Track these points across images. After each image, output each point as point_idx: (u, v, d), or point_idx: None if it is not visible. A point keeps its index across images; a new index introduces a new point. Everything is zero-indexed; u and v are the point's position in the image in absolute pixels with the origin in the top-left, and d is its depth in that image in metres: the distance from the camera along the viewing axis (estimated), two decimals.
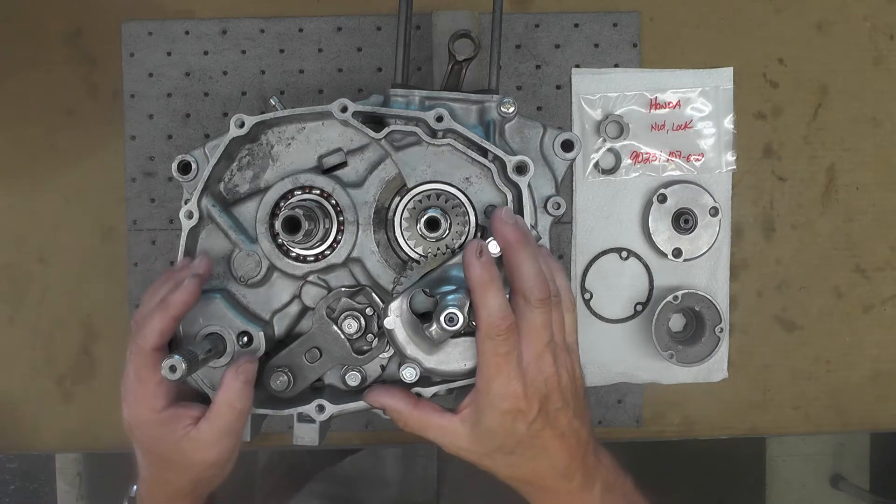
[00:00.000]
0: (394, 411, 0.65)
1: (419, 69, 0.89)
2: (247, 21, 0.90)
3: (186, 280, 0.64)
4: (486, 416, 0.61)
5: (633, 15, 0.91)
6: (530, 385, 0.60)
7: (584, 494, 0.65)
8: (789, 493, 2.00)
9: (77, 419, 0.92)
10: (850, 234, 0.92)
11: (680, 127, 0.90)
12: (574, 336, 0.66)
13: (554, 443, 0.63)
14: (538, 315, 0.60)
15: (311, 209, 0.67)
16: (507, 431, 0.61)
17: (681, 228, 0.89)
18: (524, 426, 0.61)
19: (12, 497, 1.95)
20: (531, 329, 0.60)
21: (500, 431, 0.62)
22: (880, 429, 0.95)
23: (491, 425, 0.61)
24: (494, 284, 0.59)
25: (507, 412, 0.60)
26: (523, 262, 0.60)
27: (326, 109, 0.67)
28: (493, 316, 0.59)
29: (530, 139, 0.73)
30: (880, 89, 0.92)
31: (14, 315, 0.92)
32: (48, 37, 0.92)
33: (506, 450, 0.63)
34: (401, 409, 0.65)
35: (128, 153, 0.91)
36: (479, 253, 0.59)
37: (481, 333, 0.59)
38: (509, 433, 0.61)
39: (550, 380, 0.61)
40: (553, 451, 0.63)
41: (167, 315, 0.63)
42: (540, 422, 0.61)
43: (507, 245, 0.61)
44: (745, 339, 0.92)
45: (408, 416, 0.65)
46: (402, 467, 1.10)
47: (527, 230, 0.64)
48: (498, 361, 0.59)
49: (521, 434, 0.61)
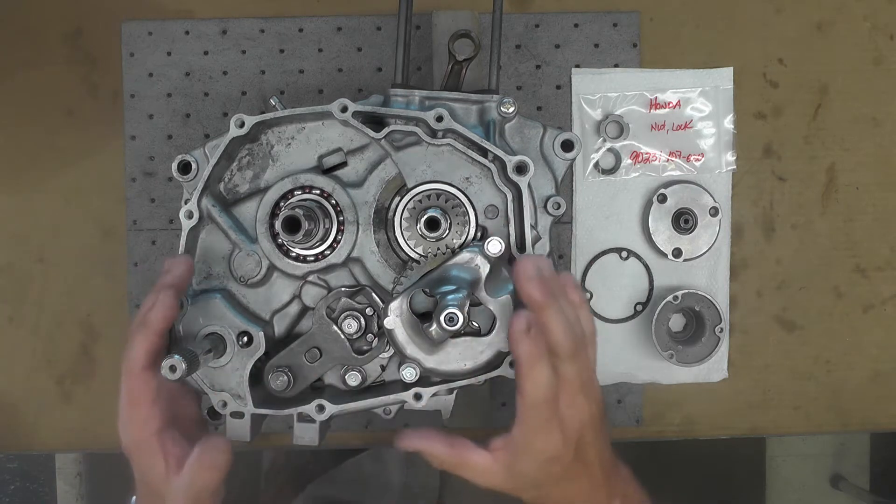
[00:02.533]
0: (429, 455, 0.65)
1: (419, 69, 0.89)
2: (247, 21, 0.90)
3: (161, 294, 0.62)
4: (523, 463, 0.63)
5: (633, 15, 0.91)
6: (568, 432, 0.61)
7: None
8: (789, 493, 2.00)
9: (77, 419, 0.92)
10: (850, 234, 0.92)
11: (680, 127, 0.90)
12: (595, 365, 0.66)
13: (581, 472, 0.64)
14: (569, 368, 0.60)
15: (311, 209, 0.67)
16: (543, 474, 0.63)
17: (681, 228, 0.89)
18: (560, 468, 0.63)
19: (12, 497, 1.95)
20: (564, 381, 0.61)
21: (536, 475, 0.63)
22: (880, 429, 0.95)
23: (527, 471, 0.63)
24: (543, 359, 0.59)
25: (544, 461, 0.62)
26: (551, 319, 0.60)
27: (326, 109, 0.67)
28: (541, 390, 0.60)
29: (530, 139, 0.73)
30: (880, 89, 0.92)
31: (14, 315, 0.92)
32: (48, 37, 0.92)
33: (537, 485, 0.64)
34: (437, 454, 0.65)
35: (128, 153, 0.91)
36: (528, 329, 0.59)
37: (525, 403, 0.60)
38: (545, 475, 0.63)
39: (585, 421, 0.62)
40: (580, 479, 0.65)
41: (149, 332, 0.62)
42: (574, 460, 0.63)
43: (534, 306, 0.60)
44: (745, 339, 0.92)
45: (444, 459, 0.65)
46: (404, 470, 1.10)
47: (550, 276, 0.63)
48: (541, 424, 0.61)
49: (555, 474, 0.63)
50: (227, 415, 0.68)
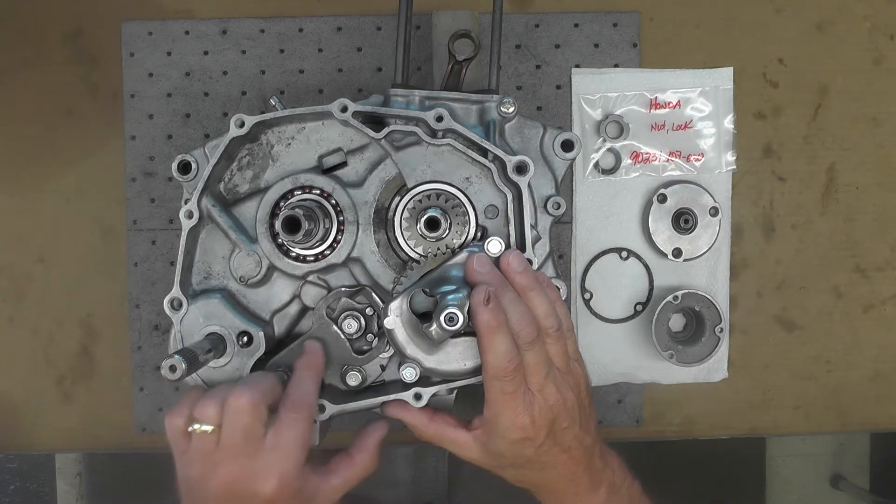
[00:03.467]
0: (411, 425, 0.68)
1: (419, 69, 0.89)
2: (247, 21, 0.90)
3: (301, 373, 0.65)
4: (496, 443, 0.65)
5: (633, 15, 0.90)
6: (538, 415, 0.63)
7: (590, 496, 0.69)
8: (789, 493, 2.00)
9: (77, 419, 0.92)
10: (850, 234, 0.92)
11: (680, 127, 0.90)
12: (577, 354, 0.68)
13: (560, 456, 0.66)
14: (531, 355, 0.63)
15: (311, 209, 0.67)
16: (516, 454, 0.65)
17: (681, 228, 0.89)
18: (532, 449, 0.65)
19: (12, 497, 1.95)
20: (528, 367, 0.63)
21: (510, 455, 0.66)
22: (880, 429, 0.95)
23: (501, 450, 0.65)
24: (501, 329, 0.61)
25: (516, 441, 0.64)
26: (507, 308, 0.62)
27: (326, 109, 0.67)
28: (500, 359, 0.61)
29: (530, 139, 0.73)
30: (880, 89, 0.92)
31: (14, 315, 0.92)
32: (48, 37, 0.92)
33: (515, 466, 0.67)
34: (417, 424, 0.68)
35: (128, 153, 0.91)
36: (486, 300, 0.61)
37: (488, 374, 0.62)
38: (518, 455, 0.65)
39: (556, 406, 0.64)
40: (560, 463, 0.67)
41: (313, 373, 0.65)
42: (548, 443, 0.65)
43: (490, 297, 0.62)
44: (745, 339, 0.92)
45: (423, 430, 0.68)
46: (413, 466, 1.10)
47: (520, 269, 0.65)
48: (505, 399, 0.63)
49: (529, 455, 0.65)
50: None
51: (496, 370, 0.62)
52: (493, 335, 0.61)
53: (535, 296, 0.64)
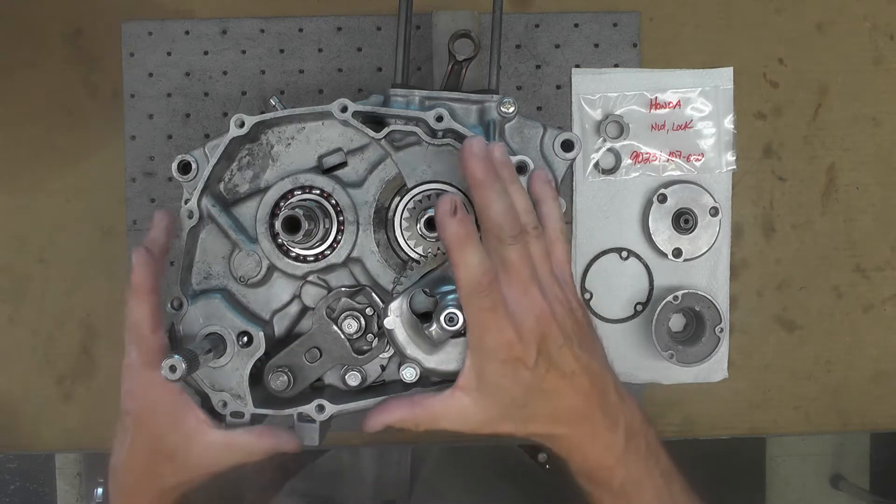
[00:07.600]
0: (399, 422, 0.63)
1: (419, 69, 0.89)
2: (247, 21, 0.90)
3: (133, 255, 0.64)
4: (486, 372, 0.58)
5: (633, 15, 0.91)
6: (523, 327, 0.57)
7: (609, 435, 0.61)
8: (789, 493, 2.01)
9: (77, 419, 0.92)
10: (850, 234, 0.92)
11: (680, 127, 0.90)
12: (566, 267, 0.62)
13: (562, 383, 0.59)
14: (513, 252, 0.57)
15: (311, 209, 0.66)
16: (511, 382, 0.58)
17: (681, 228, 0.89)
18: (527, 372, 0.58)
19: (12, 497, 1.95)
20: (510, 268, 0.57)
21: (504, 384, 0.58)
22: (880, 429, 0.95)
23: (493, 380, 0.58)
24: (471, 239, 0.56)
25: (505, 361, 0.57)
26: (491, 200, 0.57)
27: (326, 109, 0.67)
28: (473, 272, 0.55)
29: (530, 139, 0.73)
30: (880, 89, 0.92)
31: (14, 315, 0.92)
32: (48, 37, 0.92)
33: (517, 403, 0.59)
34: (405, 418, 0.62)
35: (128, 153, 0.91)
36: (454, 210, 0.56)
37: (463, 292, 0.56)
38: (514, 383, 0.58)
39: (543, 316, 0.57)
40: (564, 393, 0.59)
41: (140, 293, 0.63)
42: (543, 364, 0.58)
43: (474, 183, 0.57)
44: (745, 339, 0.92)
45: (412, 418, 0.62)
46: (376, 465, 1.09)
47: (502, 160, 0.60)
48: (485, 316, 0.56)
49: (526, 381, 0.58)
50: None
51: (471, 285, 0.56)
52: (463, 247, 0.55)
53: (516, 190, 0.59)
